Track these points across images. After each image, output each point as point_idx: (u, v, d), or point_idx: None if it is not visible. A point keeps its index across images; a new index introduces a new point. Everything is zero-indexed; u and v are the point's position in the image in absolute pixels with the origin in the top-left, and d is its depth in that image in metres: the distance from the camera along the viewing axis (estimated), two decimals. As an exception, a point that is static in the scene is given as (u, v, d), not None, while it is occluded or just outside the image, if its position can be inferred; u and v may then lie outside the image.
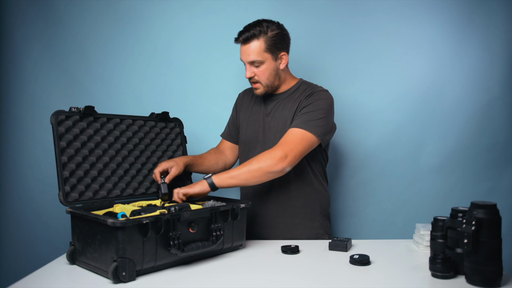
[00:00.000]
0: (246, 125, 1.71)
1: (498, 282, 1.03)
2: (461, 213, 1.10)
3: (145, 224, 1.12)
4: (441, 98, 2.09)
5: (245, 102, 1.77)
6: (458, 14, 2.06)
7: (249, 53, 1.54)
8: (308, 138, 1.49)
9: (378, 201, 2.13)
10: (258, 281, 1.12)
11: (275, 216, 1.62)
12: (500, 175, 2.08)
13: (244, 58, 1.57)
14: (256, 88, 1.61)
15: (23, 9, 2.06)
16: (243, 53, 1.56)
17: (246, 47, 1.54)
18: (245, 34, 1.53)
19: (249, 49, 1.54)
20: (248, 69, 1.57)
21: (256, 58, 1.54)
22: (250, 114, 1.71)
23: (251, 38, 1.53)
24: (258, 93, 1.62)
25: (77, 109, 1.41)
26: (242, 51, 1.56)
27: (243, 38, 1.53)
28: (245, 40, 1.53)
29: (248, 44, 1.53)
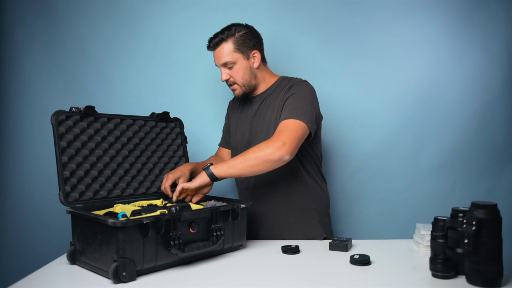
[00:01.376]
0: (235, 129, 1.73)
1: (499, 282, 1.03)
2: (462, 213, 1.10)
3: (146, 224, 1.12)
4: (441, 98, 2.09)
5: (234, 107, 1.80)
6: (458, 14, 2.07)
7: (220, 56, 1.59)
8: (300, 125, 1.45)
9: (378, 201, 2.13)
10: (258, 281, 1.12)
11: (270, 215, 1.62)
12: (500, 175, 2.08)
13: (217, 61, 1.62)
14: (234, 89, 1.64)
15: (23, 9, 2.06)
16: (215, 57, 1.61)
17: (217, 51, 1.59)
18: (214, 40, 1.59)
19: (219, 52, 1.59)
20: (223, 72, 1.61)
21: (227, 59, 1.58)
22: (239, 118, 1.73)
23: (220, 42, 1.58)
24: (237, 94, 1.65)
25: (77, 109, 1.41)
26: (214, 56, 1.62)
27: (213, 44, 1.60)
28: (215, 45, 1.59)
29: (218, 48, 1.59)
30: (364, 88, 2.10)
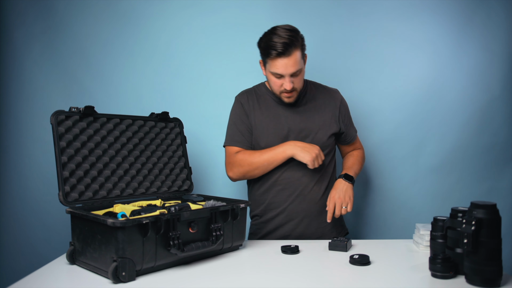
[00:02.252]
0: (266, 129, 1.63)
1: (498, 282, 1.03)
2: (461, 213, 1.10)
3: (145, 224, 1.12)
4: (441, 98, 2.09)
5: (252, 105, 1.67)
6: (458, 14, 2.07)
7: (293, 64, 1.47)
8: None
9: (378, 201, 2.13)
10: (258, 281, 1.12)
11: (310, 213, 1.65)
12: (500, 175, 2.08)
13: (287, 70, 1.47)
14: (290, 96, 1.56)
15: (23, 9, 2.06)
16: (287, 65, 1.46)
17: (290, 58, 1.45)
18: (289, 45, 1.44)
19: (293, 60, 1.46)
20: (287, 80, 1.50)
21: (299, 67, 1.49)
22: (269, 117, 1.64)
23: (294, 49, 1.46)
24: (292, 101, 1.59)
25: (77, 109, 1.41)
26: (283, 64, 1.46)
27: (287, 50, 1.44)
28: (290, 52, 1.45)
29: (292, 55, 1.46)
30: (364, 88, 2.10)
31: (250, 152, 1.62)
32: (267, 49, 1.48)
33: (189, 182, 1.67)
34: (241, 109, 1.67)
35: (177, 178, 1.64)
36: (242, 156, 1.61)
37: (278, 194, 1.63)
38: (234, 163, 1.63)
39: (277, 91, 1.58)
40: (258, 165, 1.59)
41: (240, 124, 1.66)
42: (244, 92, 1.74)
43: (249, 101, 1.68)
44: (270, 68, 1.51)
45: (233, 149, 1.66)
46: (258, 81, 2.06)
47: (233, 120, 1.68)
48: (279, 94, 1.59)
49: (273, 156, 1.57)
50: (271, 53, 1.46)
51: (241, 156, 1.62)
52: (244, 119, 1.66)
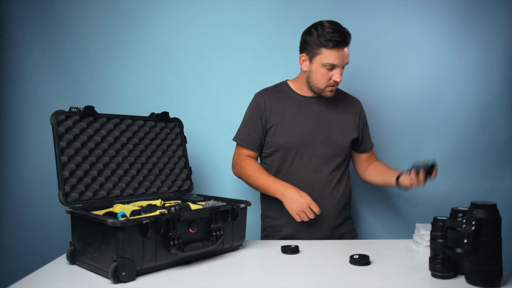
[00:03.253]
0: (289, 127, 1.62)
1: (498, 282, 1.03)
2: (461, 213, 1.10)
3: (145, 224, 1.12)
4: (441, 98, 2.09)
5: (274, 104, 1.66)
6: (458, 14, 2.07)
7: (347, 55, 1.54)
8: None
9: (378, 201, 2.13)
10: (258, 281, 1.12)
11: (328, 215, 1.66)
12: (500, 175, 2.08)
13: (343, 61, 1.54)
14: (331, 90, 1.60)
15: (23, 9, 2.06)
16: (343, 56, 1.52)
17: (345, 50, 1.52)
18: (347, 36, 1.51)
19: (347, 52, 1.53)
20: (340, 72, 1.55)
21: (349, 60, 1.56)
22: (291, 117, 1.64)
23: (349, 40, 1.53)
24: (332, 95, 1.62)
25: (77, 109, 1.41)
26: (340, 54, 1.51)
27: (345, 41, 1.51)
28: (346, 42, 1.52)
29: (347, 47, 1.53)
30: (364, 88, 2.10)
31: (254, 167, 1.64)
32: (324, 38, 1.50)
33: (189, 182, 1.67)
34: (256, 109, 1.67)
35: (177, 178, 1.64)
36: (246, 165, 1.66)
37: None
38: (238, 165, 1.70)
39: (322, 85, 1.58)
40: (252, 184, 1.65)
41: (250, 124, 1.68)
42: (265, 91, 1.72)
43: (270, 100, 1.67)
44: (324, 59, 1.52)
45: (242, 150, 1.70)
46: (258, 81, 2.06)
47: (245, 118, 1.71)
48: (323, 88, 1.59)
49: (266, 188, 1.60)
50: (328, 43, 1.50)
51: (245, 165, 1.66)
52: (256, 120, 1.66)
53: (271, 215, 1.70)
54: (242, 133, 1.70)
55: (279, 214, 1.66)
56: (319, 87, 1.60)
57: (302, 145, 1.63)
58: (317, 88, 1.60)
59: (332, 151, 1.64)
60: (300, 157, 1.63)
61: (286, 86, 1.72)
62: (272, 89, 1.73)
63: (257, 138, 1.67)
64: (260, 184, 1.61)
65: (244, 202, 1.40)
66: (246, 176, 1.65)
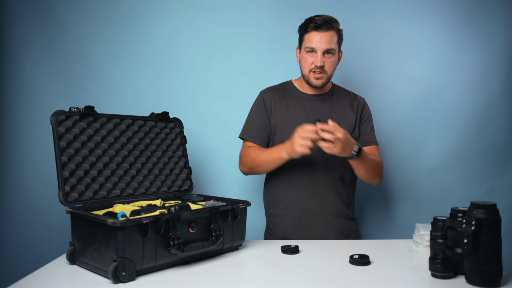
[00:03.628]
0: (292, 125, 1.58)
1: (498, 282, 1.03)
2: (461, 213, 1.10)
3: (145, 224, 1.12)
4: (441, 98, 2.09)
5: (278, 102, 1.69)
6: (458, 14, 2.07)
7: (329, 40, 1.55)
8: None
9: (378, 201, 2.13)
10: (258, 281, 1.12)
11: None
12: (500, 175, 2.08)
13: (321, 45, 1.55)
14: (320, 78, 1.60)
15: (23, 9, 2.06)
16: (322, 40, 1.54)
17: (326, 34, 1.55)
18: (327, 22, 1.54)
19: (328, 36, 1.55)
20: (319, 57, 1.56)
21: (332, 47, 1.56)
22: (294, 114, 1.65)
23: (331, 27, 1.55)
24: (319, 84, 1.61)
25: (77, 109, 1.41)
26: (319, 37, 1.55)
27: (325, 26, 1.54)
28: (328, 28, 1.55)
29: (329, 33, 1.55)
30: (364, 88, 2.10)
31: (256, 149, 1.64)
32: (306, 24, 1.58)
33: (189, 182, 1.67)
34: (262, 106, 1.70)
35: (177, 178, 1.64)
36: (249, 151, 1.66)
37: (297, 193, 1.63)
38: (242, 157, 1.68)
39: (306, 71, 1.61)
40: (258, 163, 1.61)
41: (257, 119, 1.70)
42: (270, 89, 1.75)
43: (274, 97, 1.70)
44: (305, 44, 1.58)
45: (246, 143, 1.70)
46: (258, 81, 2.06)
47: (252, 115, 1.72)
48: (308, 75, 1.61)
49: (269, 156, 1.56)
50: (308, 26, 1.56)
51: (248, 152, 1.66)
52: (263, 116, 1.69)
53: (274, 213, 1.70)
54: (249, 130, 1.70)
55: (282, 212, 1.66)
56: (305, 74, 1.63)
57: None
58: (305, 76, 1.63)
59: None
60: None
61: (290, 85, 1.75)
62: (277, 87, 1.76)
63: (264, 133, 1.69)
64: (264, 158, 1.58)
65: (244, 202, 1.40)
66: (251, 160, 1.62)
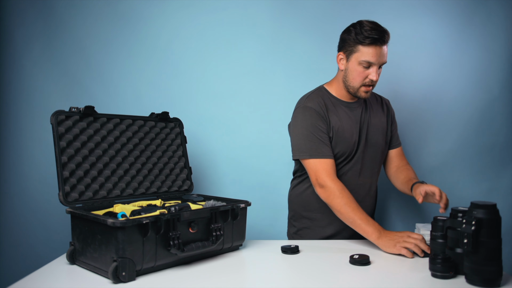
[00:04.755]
0: (342, 136, 1.58)
1: (498, 282, 1.03)
2: (461, 213, 1.10)
3: (145, 224, 1.12)
4: (441, 98, 2.09)
5: (328, 109, 1.59)
6: (458, 14, 2.07)
7: (385, 54, 1.51)
8: None
9: (378, 201, 2.13)
10: (258, 281, 1.12)
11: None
12: (500, 175, 2.08)
13: (380, 59, 1.50)
14: (368, 91, 1.55)
15: (23, 9, 2.06)
16: (380, 54, 1.49)
17: (384, 48, 1.50)
18: (385, 35, 1.48)
19: (386, 50, 1.51)
20: (376, 70, 1.51)
21: (386, 60, 1.53)
22: (341, 123, 1.59)
23: (388, 40, 1.51)
24: (367, 96, 1.57)
25: (77, 109, 1.41)
26: (378, 52, 1.48)
27: (383, 40, 1.48)
28: (385, 41, 1.49)
29: (385, 45, 1.50)
30: (364, 88, 2.10)
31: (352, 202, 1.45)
32: (362, 35, 1.47)
33: (189, 182, 1.67)
34: (316, 116, 1.55)
35: (177, 178, 1.64)
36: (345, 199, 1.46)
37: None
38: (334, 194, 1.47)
39: (358, 84, 1.54)
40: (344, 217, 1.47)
41: (319, 131, 1.54)
42: (312, 98, 1.60)
43: (322, 105, 1.58)
44: (361, 56, 1.49)
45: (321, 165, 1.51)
46: (258, 81, 2.06)
47: (309, 129, 1.54)
48: (358, 88, 1.54)
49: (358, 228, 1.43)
50: (365, 40, 1.47)
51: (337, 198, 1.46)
52: (323, 126, 1.55)
53: (309, 216, 1.66)
54: (313, 145, 1.52)
55: (321, 215, 1.63)
56: (354, 86, 1.55)
57: (352, 151, 1.60)
58: (352, 88, 1.56)
59: (375, 154, 1.65)
60: (349, 162, 1.61)
61: (325, 92, 1.65)
62: (316, 95, 1.62)
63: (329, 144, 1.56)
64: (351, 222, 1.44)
65: (244, 202, 1.40)
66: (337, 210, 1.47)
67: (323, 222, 1.64)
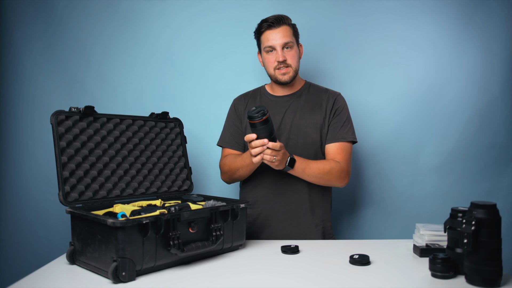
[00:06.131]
0: None
1: (498, 282, 1.03)
2: (461, 213, 1.10)
3: (145, 224, 1.12)
4: (441, 98, 2.09)
5: (249, 106, 1.74)
6: (458, 14, 2.07)
7: (284, 35, 1.59)
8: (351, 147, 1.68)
9: (378, 201, 2.13)
10: (258, 281, 1.12)
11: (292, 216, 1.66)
12: (500, 175, 2.08)
13: (277, 41, 1.59)
14: (286, 72, 1.63)
15: (23, 9, 2.06)
16: (276, 36, 1.59)
17: (280, 29, 1.59)
18: (279, 19, 1.59)
19: (282, 31, 1.59)
20: (279, 53, 1.60)
21: (289, 40, 1.60)
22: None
23: (283, 22, 1.60)
24: (287, 78, 1.64)
25: (77, 109, 1.41)
26: (273, 34, 1.59)
27: (277, 22, 1.58)
28: (279, 24, 1.59)
29: (282, 27, 1.59)
30: (364, 88, 2.10)
31: (231, 157, 1.68)
32: (259, 26, 1.63)
33: (189, 182, 1.67)
34: (234, 113, 1.78)
35: (177, 178, 1.64)
36: (225, 160, 1.71)
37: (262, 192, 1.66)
38: (221, 166, 1.74)
39: (271, 69, 1.64)
40: (234, 169, 1.65)
41: (231, 126, 1.77)
42: (242, 96, 1.82)
43: (244, 103, 1.77)
44: (263, 44, 1.63)
45: (224, 151, 1.77)
46: (258, 81, 2.06)
47: (226, 122, 1.80)
48: (274, 73, 1.65)
49: (243, 162, 1.59)
50: (262, 27, 1.62)
51: (224, 160, 1.71)
52: (236, 122, 1.76)
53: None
54: (226, 137, 1.77)
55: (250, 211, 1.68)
56: (271, 74, 1.66)
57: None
58: (271, 76, 1.67)
59: (303, 146, 1.65)
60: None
61: (262, 89, 1.79)
62: (248, 93, 1.81)
63: (239, 137, 1.74)
64: (238, 164, 1.62)
65: (244, 202, 1.40)
66: (228, 168, 1.67)
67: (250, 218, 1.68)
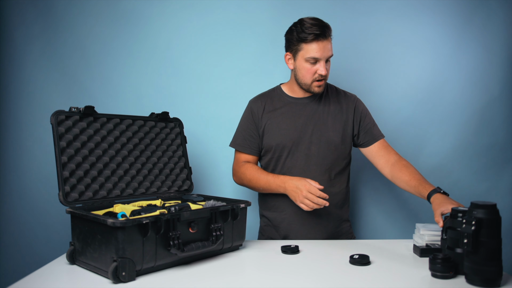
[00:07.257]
0: (279, 129, 1.65)
1: (498, 282, 1.03)
2: (461, 213, 1.11)
3: (145, 224, 1.12)
4: (441, 98, 2.09)
5: (267, 108, 1.69)
6: (458, 14, 2.07)
7: (330, 48, 1.55)
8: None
9: (378, 201, 2.13)
10: (258, 281, 1.12)
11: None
12: (500, 175, 2.08)
13: (325, 53, 1.53)
14: (320, 85, 1.59)
15: (23, 9, 2.06)
16: (324, 49, 1.52)
17: (327, 42, 1.53)
18: (325, 29, 1.51)
19: (329, 44, 1.54)
20: (323, 65, 1.55)
21: (332, 53, 1.56)
22: (281, 118, 1.66)
23: (329, 34, 1.54)
24: (321, 91, 1.61)
25: (77, 109, 1.41)
26: (321, 47, 1.52)
27: (324, 34, 1.51)
28: (326, 35, 1.52)
29: (328, 39, 1.53)
30: (364, 88, 2.09)
31: (252, 170, 1.65)
32: (303, 33, 1.52)
33: (189, 182, 1.67)
34: (250, 115, 1.71)
35: (177, 178, 1.64)
36: (246, 170, 1.67)
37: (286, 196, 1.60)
38: (237, 173, 1.71)
39: (309, 80, 1.59)
40: (254, 187, 1.65)
41: (246, 129, 1.71)
42: (258, 97, 1.75)
43: (262, 104, 1.70)
44: (306, 54, 1.54)
45: (240, 156, 1.72)
46: (258, 81, 2.06)
47: (241, 124, 1.74)
48: (310, 84, 1.59)
49: (268, 187, 1.60)
50: (307, 37, 1.51)
51: (244, 170, 1.67)
52: (251, 125, 1.70)
53: (267, 215, 1.70)
54: (238, 139, 1.72)
55: (275, 214, 1.67)
56: (305, 83, 1.60)
57: (294, 145, 1.63)
58: (304, 85, 1.61)
59: (325, 150, 1.64)
60: (292, 157, 1.63)
61: (278, 90, 1.74)
62: (265, 94, 1.75)
63: (253, 142, 1.69)
64: (262, 185, 1.61)
65: (244, 202, 1.40)
66: (247, 180, 1.66)
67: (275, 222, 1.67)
